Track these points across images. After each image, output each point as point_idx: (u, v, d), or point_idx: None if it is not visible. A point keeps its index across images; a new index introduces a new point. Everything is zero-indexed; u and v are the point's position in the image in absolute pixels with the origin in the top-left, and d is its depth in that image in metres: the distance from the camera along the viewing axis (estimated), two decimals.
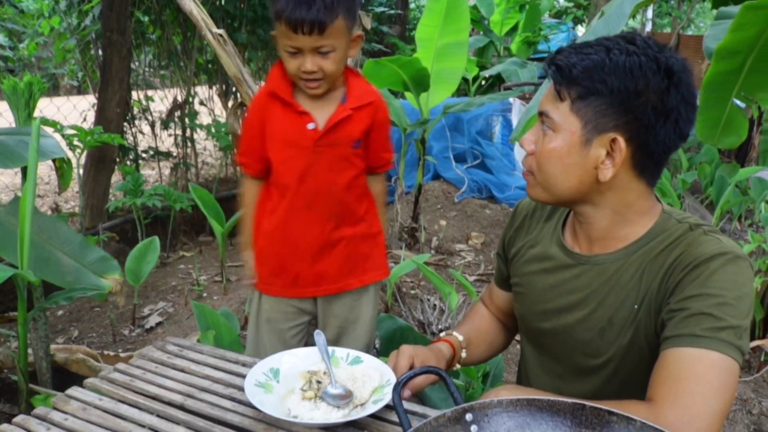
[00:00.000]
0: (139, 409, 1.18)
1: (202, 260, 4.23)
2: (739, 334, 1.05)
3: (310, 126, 1.70)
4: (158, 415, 1.16)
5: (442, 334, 1.48)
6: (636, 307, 1.17)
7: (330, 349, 1.35)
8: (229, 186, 5.58)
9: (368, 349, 2.03)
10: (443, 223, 4.84)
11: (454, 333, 1.46)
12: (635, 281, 1.18)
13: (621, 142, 1.11)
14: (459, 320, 3.32)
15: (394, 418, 1.18)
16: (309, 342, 1.94)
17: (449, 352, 1.41)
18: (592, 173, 1.14)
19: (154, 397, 1.21)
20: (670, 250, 1.15)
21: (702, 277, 1.08)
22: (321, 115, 1.72)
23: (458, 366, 1.45)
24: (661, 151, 1.14)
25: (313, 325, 1.96)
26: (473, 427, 0.96)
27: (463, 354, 1.45)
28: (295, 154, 1.73)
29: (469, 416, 0.96)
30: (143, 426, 1.13)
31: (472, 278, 3.94)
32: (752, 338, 2.92)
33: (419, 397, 2.53)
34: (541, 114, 1.16)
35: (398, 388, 0.97)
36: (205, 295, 3.52)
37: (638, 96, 1.09)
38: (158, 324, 3.17)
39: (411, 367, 1.25)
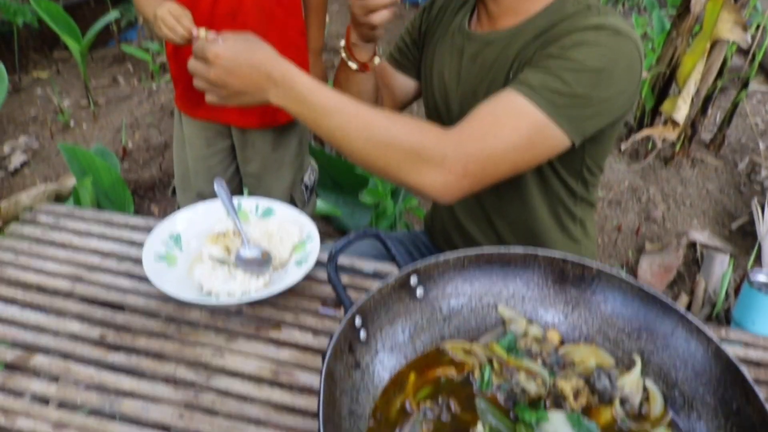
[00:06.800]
0: (18, 305, 0.99)
1: (62, 81, 3.73)
2: (581, 104, 0.99)
3: None
4: (43, 310, 0.98)
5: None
6: (510, 75, 1.11)
7: (235, 200, 1.18)
8: None
9: (293, 187, 1.90)
10: (326, 19, 4.49)
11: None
12: (520, 53, 1.10)
13: None
14: None
15: (320, 274, 1.06)
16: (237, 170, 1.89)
17: None
18: None
19: (34, 287, 1.02)
20: (558, 23, 1.06)
21: (569, 42, 1.01)
22: None
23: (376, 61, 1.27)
24: None
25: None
26: (419, 291, 0.87)
27: (377, 61, 1.27)
28: None
29: (413, 280, 0.87)
30: (25, 327, 0.94)
31: None
32: (641, 127, 2.99)
33: (327, 219, 2.46)
34: None
35: (333, 261, 0.83)
36: (72, 124, 3.13)
37: None
38: (24, 165, 2.81)
39: None
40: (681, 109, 2.73)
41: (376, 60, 1.27)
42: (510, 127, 0.98)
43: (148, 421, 0.83)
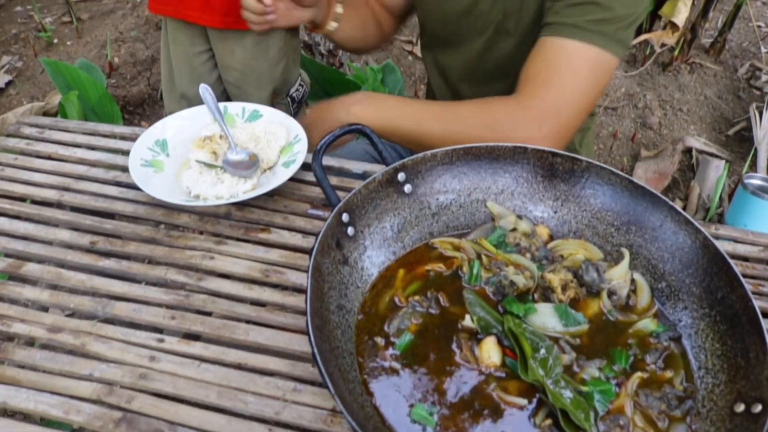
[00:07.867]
0: (7, 216, 0.98)
1: None
2: (626, 25, 1.00)
3: None
4: (32, 220, 0.97)
5: None
6: None
7: (221, 105, 1.16)
8: None
9: (275, 99, 1.85)
10: None
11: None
12: None
13: None
14: None
15: (309, 177, 1.05)
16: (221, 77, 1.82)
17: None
18: None
19: (22, 199, 1.01)
20: None
21: None
22: None
23: (331, 26, 1.28)
24: None
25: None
26: (407, 187, 0.87)
27: (332, 26, 1.27)
28: None
29: (401, 176, 0.86)
30: (16, 237, 0.94)
31: None
32: (640, 32, 2.91)
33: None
34: None
35: (319, 157, 0.82)
36: (56, 41, 3.05)
37: None
38: (9, 84, 2.75)
39: None
40: (681, 12, 2.65)
41: (332, 25, 1.25)
42: (571, 77, 0.97)
43: (140, 322, 0.83)
